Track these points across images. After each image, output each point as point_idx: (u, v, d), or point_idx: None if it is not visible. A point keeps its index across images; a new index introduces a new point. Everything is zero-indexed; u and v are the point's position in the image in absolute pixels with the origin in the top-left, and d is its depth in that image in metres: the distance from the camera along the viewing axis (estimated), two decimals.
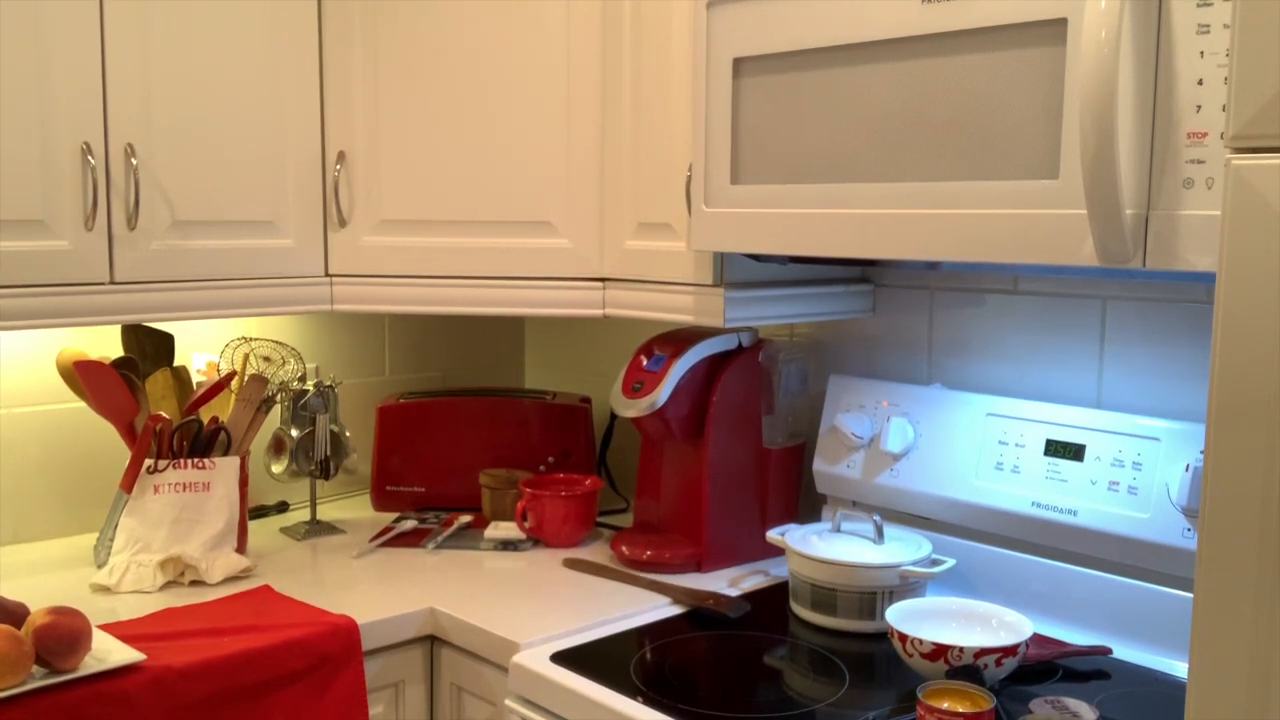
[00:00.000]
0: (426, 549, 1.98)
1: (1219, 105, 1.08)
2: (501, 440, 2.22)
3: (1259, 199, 0.77)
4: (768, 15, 1.46)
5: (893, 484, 1.76)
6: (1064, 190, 1.18)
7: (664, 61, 1.72)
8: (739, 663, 1.53)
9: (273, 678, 1.52)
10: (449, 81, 1.88)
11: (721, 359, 1.87)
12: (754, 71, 1.49)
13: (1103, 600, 1.56)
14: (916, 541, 1.66)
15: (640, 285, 1.80)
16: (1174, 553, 1.46)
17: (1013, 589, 1.64)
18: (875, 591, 1.60)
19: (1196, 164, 1.10)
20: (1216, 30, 1.08)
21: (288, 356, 2.09)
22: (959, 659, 1.37)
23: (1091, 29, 1.09)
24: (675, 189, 1.69)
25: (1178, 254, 1.12)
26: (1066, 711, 1.32)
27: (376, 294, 1.93)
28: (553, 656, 1.50)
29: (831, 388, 1.89)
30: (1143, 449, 1.52)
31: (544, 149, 1.87)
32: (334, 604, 1.67)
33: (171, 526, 1.80)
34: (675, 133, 1.70)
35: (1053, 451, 1.60)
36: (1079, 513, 1.55)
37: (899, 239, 1.35)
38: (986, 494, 1.65)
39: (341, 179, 1.92)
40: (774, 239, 1.50)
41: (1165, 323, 1.58)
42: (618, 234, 1.83)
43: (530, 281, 1.88)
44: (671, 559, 1.84)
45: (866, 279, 1.90)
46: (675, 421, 1.84)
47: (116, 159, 1.71)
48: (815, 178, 1.44)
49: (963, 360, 1.80)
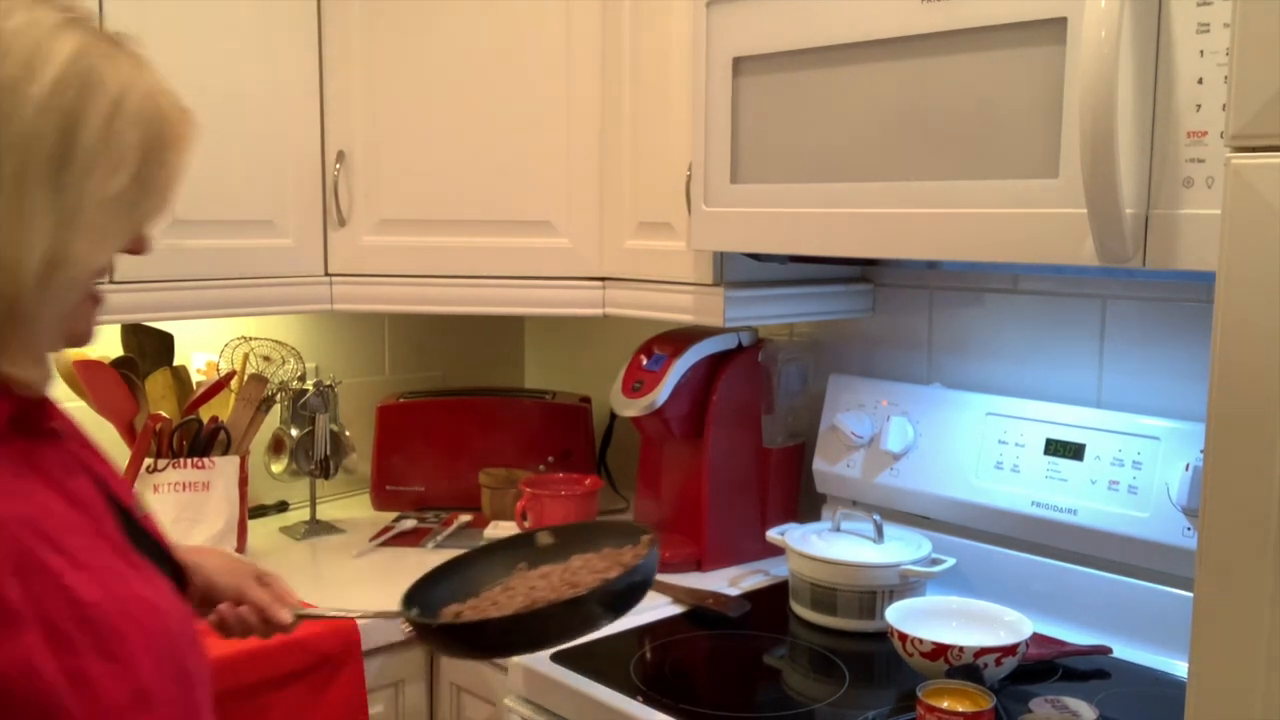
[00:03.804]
0: (426, 548, 1.98)
1: (1219, 104, 1.08)
2: (501, 440, 2.22)
3: (1259, 198, 0.77)
4: (767, 15, 1.46)
5: (892, 483, 1.76)
6: (1064, 190, 1.18)
7: (664, 61, 1.72)
8: (739, 662, 1.53)
9: (272, 677, 1.51)
10: (449, 81, 1.88)
11: (721, 358, 1.87)
12: (754, 71, 1.49)
13: (1103, 600, 1.55)
14: (916, 541, 1.66)
15: (640, 285, 1.80)
16: (1174, 552, 1.46)
17: (1013, 589, 1.64)
18: (875, 591, 1.59)
19: (1196, 163, 1.10)
20: (1216, 29, 1.08)
21: (287, 356, 2.09)
22: (959, 658, 1.37)
23: (1091, 28, 1.09)
24: (675, 188, 1.69)
25: (1178, 254, 1.12)
26: (1066, 711, 1.32)
27: (376, 294, 1.93)
28: (552, 656, 1.50)
29: (831, 387, 1.88)
30: (1143, 448, 1.52)
31: (544, 148, 1.86)
32: (334, 603, 1.67)
33: (171, 526, 1.79)
34: (675, 132, 1.70)
35: (1052, 451, 1.60)
36: (1079, 512, 1.55)
37: (899, 238, 1.35)
38: (986, 493, 1.65)
39: (341, 178, 1.92)
40: (774, 239, 1.50)
41: (1165, 323, 1.57)
42: (617, 233, 1.83)
43: (530, 281, 1.88)
44: (671, 558, 1.84)
45: (866, 278, 1.90)
46: (675, 421, 1.84)
47: None
48: (815, 177, 1.44)
49: (962, 360, 1.80)
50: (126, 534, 0.90)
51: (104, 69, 0.82)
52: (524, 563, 1.36)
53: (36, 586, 0.78)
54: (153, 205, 0.87)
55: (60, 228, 0.79)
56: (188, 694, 0.88)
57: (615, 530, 1.39)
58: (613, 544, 1.35)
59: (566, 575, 1.29)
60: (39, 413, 0.86)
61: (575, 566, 1.31)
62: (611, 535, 1.37)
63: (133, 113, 0.83)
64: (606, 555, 1.32)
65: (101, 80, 0.81)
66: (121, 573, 0.86)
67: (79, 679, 0.78)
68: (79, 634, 0.79)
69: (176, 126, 0.88)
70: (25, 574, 0.77)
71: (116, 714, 0.81)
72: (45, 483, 0.85)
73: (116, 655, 0.81)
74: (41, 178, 0.79)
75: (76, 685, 0.78)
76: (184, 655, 0.89)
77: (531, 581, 1.30)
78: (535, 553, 1.38)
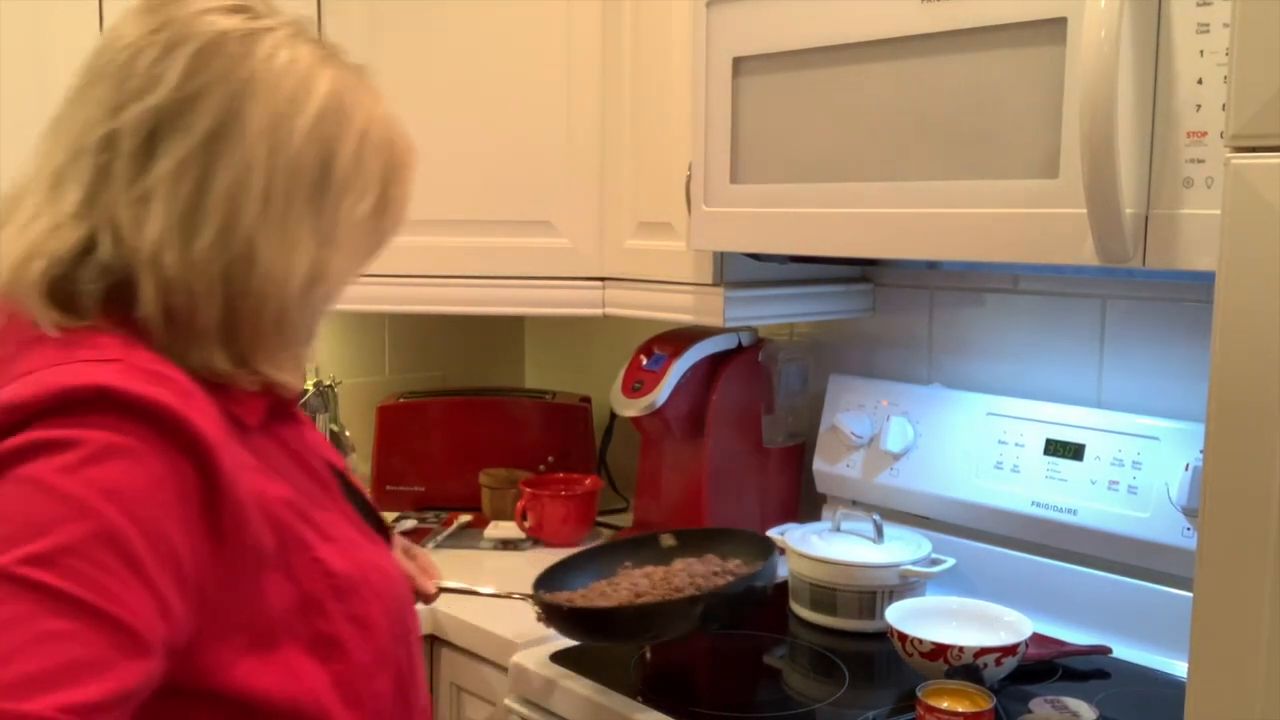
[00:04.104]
0: (426, 548, 1.98)
1: (1219, 104, 1.08)
2: (501, 440, 2.22)
3: (1259, 198, 0.77)
4: (767, 14, 1.46)
5: (892, 483, 1.76)
6: (1064, 190, 1.18)
7: (664, 61, 1.72)
8: (739, 662, 1.53)
9: None
10: (449, 80, 1.88)
11: (721, 358, 1.87)
12: (754, 71, 1.49)
13: (1103, 600, 1.55)
14: (916, 541, 1.66)
15: (640, 285, 1.80)
16: (1174, 552, 1.46)
17: (1013, 589, 1.64)
18: (875, 591, 1.59)
19: (1196, 163, 1.10)
20: (1216, 29, 1.08)
21: None
22: (959, 658, 1.37)
23: (1091, 28, 1.09)
24: (675, 188, 1.69)
25: (1178, 253, 1.12)
26: (1066, 711, 1.32)
27: (376, 293, 1.93)
28: (552, 656, 1.50)
29: (831, 387, 1.88)
30: (1143, 448, 1.52)
31: (544, 148, 1.86)
32: None
33: None
34: (675, 132, 1.70)
35: (1052, 451, 1.60)
36: (1079, 512, 1.55)
37: (899, 238, 1.35)
38: (986, 493, 1.65)
39: None
40: (774, 239, 1.50)
41: (1165, 323, 1.57)
42: (617, 233, 1.83)
43: (530, 281, 1.88)
44: None
45: (866, 278, 1.90)
46: (675, 421, 1.84)
47: None
48: (815, 177, 1.44)
49: (963, 360, 1.80)
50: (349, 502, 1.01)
51: (352, 102, 0.91)
52: (630, 560, 1.52)
53: (296, 559, 0.87)
54: (391, 224, 0.99)
55: (320, 247, 0.89)
56: (409, 654, 0.99)
57: (734, 539, 1.52)
58: (721, 553, 1.49)
59: (667, 576, 1.42)
60: (290, 405, 0.97)
61: (676, 569, 1.44)
62: (728, 543, 1.51)
63: (376, 141, 0.93)
64: (708, 561, 1.46)
65: (351, 113, 0.91)
66: (357, 542, 0.95)
67: (333, 643, 0.89)
68: (333, 603, 0.89)
69: (406, 153, 0.98)
70: (287, 549, 0.86)
71: (364, 675, 0.91)
72: (295, 462, 0.95)
73: (363, 620, 0.91)
74: (305, 202, 0.88)
75: (331, 649, 0.88)
76: (407, 617, 0.99)
77: (635, 579, 1.43)
78: (657, 553, 1.53)
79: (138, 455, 0.77)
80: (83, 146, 0.86)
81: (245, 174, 0.85)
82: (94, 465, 0.75)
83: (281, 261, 0.87)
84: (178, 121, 0.84)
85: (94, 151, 0.85)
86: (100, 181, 0.85)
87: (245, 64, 0.86)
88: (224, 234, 0.85)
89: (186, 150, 0.84)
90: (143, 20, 0.87)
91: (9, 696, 0.67)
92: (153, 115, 0.84)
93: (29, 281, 0.83)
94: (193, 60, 0.85)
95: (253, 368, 0.89)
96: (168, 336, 0.85)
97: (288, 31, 0.90)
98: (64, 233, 0.84)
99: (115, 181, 0.85)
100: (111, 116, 0.85)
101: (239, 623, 0.83)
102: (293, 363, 0.93)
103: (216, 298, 0.85)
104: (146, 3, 0.89)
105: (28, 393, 0.77)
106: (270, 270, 0.87)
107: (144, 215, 0.84)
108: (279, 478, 0.90)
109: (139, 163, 0.84)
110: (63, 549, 0.71)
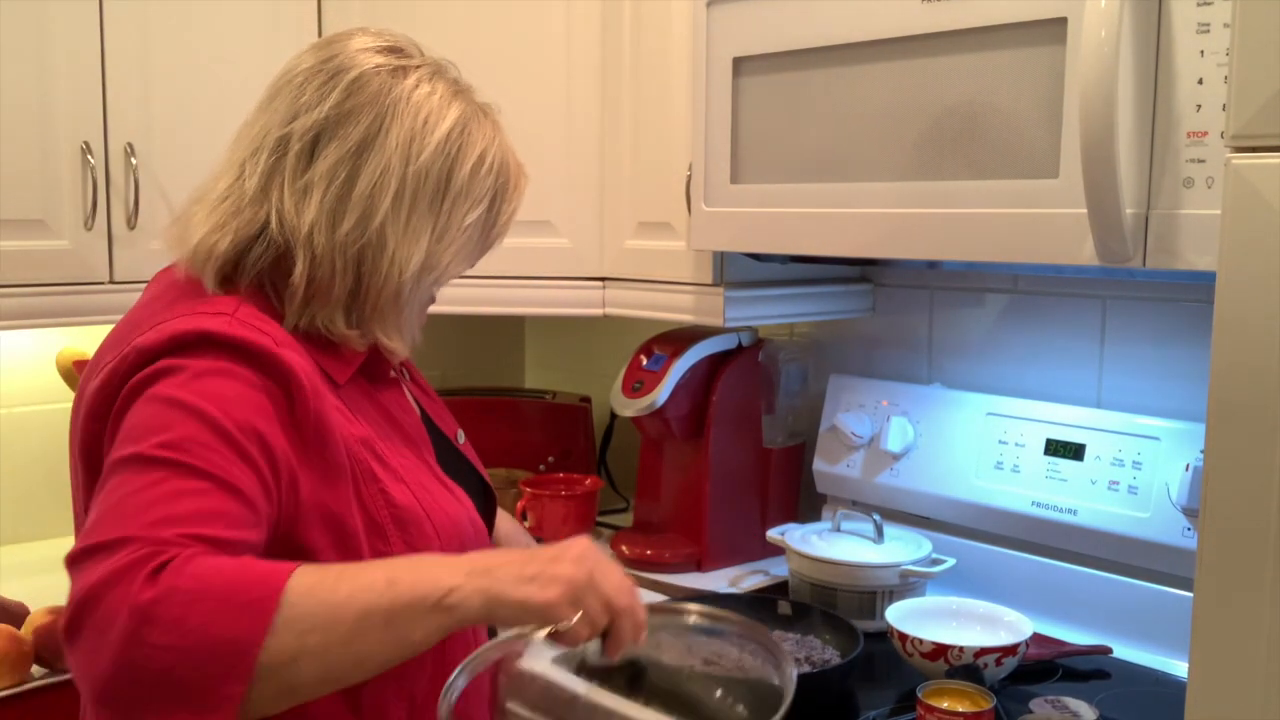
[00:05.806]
0: None
1: (1219, 104, 1.08)
2: (502, 440, 2.22)
3: (1259, 198, 0.77)
4: (768, 15, 1.46)
5: (893, 483, 1.76)
6: (1064, 190, 1.18)
7: (664, 61, 1.72)
8: None
9: None
10: None
11: (721, 358, 1.87)
12: (754, 71, 1.49)
13: (1103, 600, 1.55)
14: (916, 541, 1.66)
15: (640, 285, 1.80)
16: (1174, 552, 1.46)
17: (1013, 589, 1.64)
18: (875, 591, 1.59)
19: (1196, 163, 1.10)
20: (1216, 29, 1.08)
21: None
22: (959, 658, 1.37)
23: (1091, 28, 1.09)
24: (675, 188, 1.69)
25: (1178, 253, 1.12)
26: (1066, 711, 1.32)
27: None
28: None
29: (831, 387, 1.88)
30: (1143, 449, 1.52)
31: (544, 148, 1.86)
32: None
33: None
34: (675, 132, 1.70)
35: (1053, 451, 1.60)
36: (1079, 512, 1.55)
37: (899, 239, 1.35)
38: (986, 493, 1.65)
39: None
40: (774, 239, 1.50)
41: (1165, 323, 1.57)
42: (617, 233, 1.83)
43: (530, 281, 1.88)
44: (671, 558, 1.84)
45: (866, 278, 1.90)
46: (675, 421, 1.84)
47: (116, 158, 1.71)
48: (815, 177, 1.44)
49: (963, 360, 1.80)
50: (443, 460, 1.17)
51: (475, 130, 1.12)
52: None
53: (365, 489, 1.03)
54: (494, 236, 1.17)
55: (435, 241, 1.09)
56: None
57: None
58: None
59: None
60: (382, 366, 1.14)
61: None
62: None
63: (490, 164, 1.12)
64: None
65: (473, 138, 1.11)
66: (430, 488, 1.10)
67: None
68: (394, 529, 1.04)
69: (517, 179, 1.17)
70: (358, 479, 1.03)
71: None
72: (383, 416, 1.11)
73: (416, 546, 1.05)
74: (427, 205, 1.08)
75: None
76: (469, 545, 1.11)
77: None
78: None
79: (231, 374, 0.95)
80: (262, 145, 1.06)
81: (383, 177, 1.05)
82: (197, 381, 0.94)
83: (404, 249, 1.06)
84: (336, 131, 1.05)
85: (270, 150, 1.06)
86: (273, 173, 1.05)
87: (392, 92, 1.07)
88: (362, 222, 1.04)
89: (340, 155, 1.05)
90: (317, 53, 1.10)
91: (147, 529, 0.84)
92: (317, 125, 1.05)
93: (216, 253, 1.04)
94: (351, 86, 1.06)
95: (366, 330, 1.08)
96: (305, 298, 1.04)
97: (429, 70, 1.12)
98: (245, 214, 1.05)
99: (284, 174, 1.05)
100: (286, 124, 1.06)
101: (325, 519, 1.00)
102: (399, 333, 1.10)
103: (350, 272, 1.05)
104: (322, 39, 1.13)
105: (153, 338, 0.97)
106: (395, 255, 1.06)
107: (304, 203, 1.04)
108: (361, 421, 1.06)
109: (304, 161, 1.05)
110: (184, 438, 0.90)
